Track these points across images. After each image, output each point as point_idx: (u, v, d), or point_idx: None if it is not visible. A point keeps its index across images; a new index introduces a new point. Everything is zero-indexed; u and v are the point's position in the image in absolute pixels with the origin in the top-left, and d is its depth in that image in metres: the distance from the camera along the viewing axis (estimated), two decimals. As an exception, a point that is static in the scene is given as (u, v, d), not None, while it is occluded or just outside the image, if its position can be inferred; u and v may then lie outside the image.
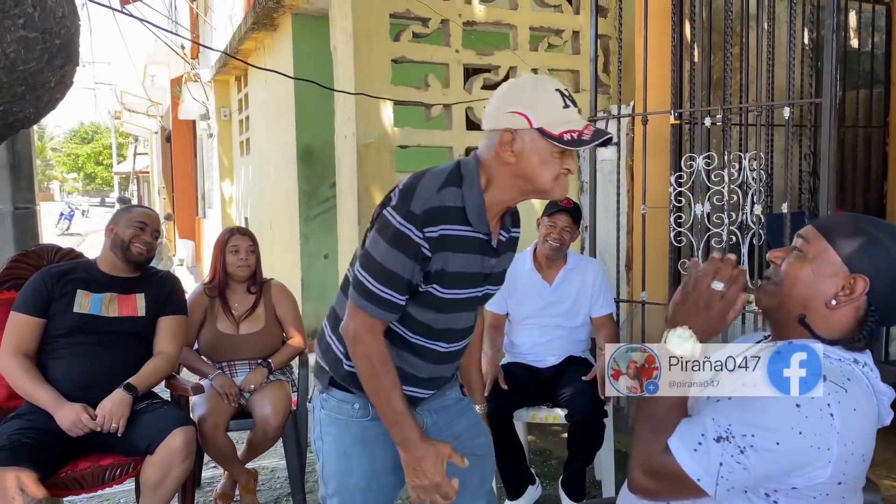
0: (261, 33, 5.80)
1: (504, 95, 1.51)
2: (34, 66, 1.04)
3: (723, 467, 1.16)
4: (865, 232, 1.25)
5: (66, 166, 49.01)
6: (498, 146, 1.49)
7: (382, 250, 1.47)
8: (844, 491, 1.21)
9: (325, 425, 1.67)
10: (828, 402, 1.15)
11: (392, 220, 1.46)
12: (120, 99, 17.70)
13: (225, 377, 2.91)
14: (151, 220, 2.66)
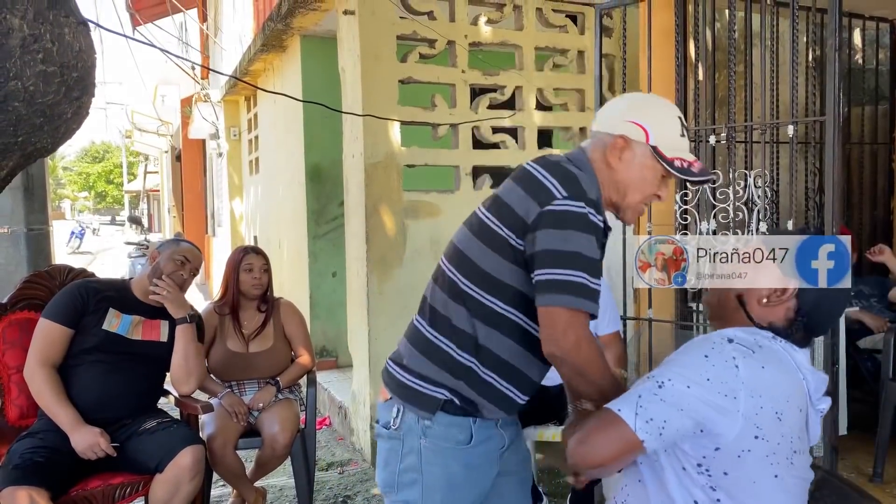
0: (270, 54, 5.86)
1: (629, 104, 1.56)
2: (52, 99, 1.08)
3: (641, 398, 1.28)
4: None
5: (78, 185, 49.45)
6: (609, 148, 1.51)
7: (572, 239, 1.39)
8: (767, 449, 1.27)
9: (429, 455, 1.55)
10: (733, 356, 1.29)
11: (574, 209, 1.40)
12: (131, 118, 17.90)
13: (234, 396, 2.94)
14: (194, 258, 2.74)
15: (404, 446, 1.56)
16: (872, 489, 3.14)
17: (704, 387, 1.25)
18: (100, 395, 2.49)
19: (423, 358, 1.57)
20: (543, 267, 1.41)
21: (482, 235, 1.53)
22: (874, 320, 3.68)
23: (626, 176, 1.51)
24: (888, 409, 3.20)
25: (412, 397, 1.56)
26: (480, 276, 1.52)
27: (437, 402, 1.54)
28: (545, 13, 4.19)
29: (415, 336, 1.62)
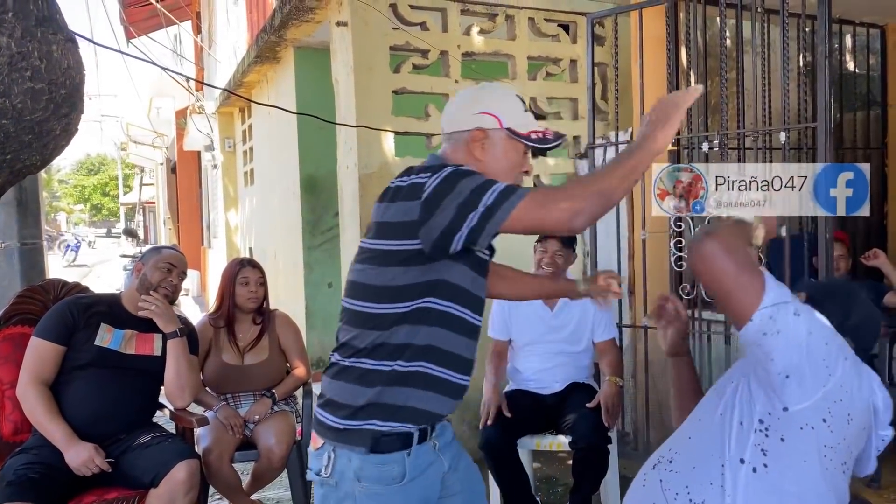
0: (264, 66, 5.88)
1: (469, 99, 1.62)
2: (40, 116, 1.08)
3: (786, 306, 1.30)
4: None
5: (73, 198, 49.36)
6: (469, 143, 1.56)
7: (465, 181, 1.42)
8: (828, 441, 1.31)
9: (364, 499, 1.50)
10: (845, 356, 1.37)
11: (442, 173, 1.44)
12: (126, 131, 17.91)
13: (229, 408, 2.93)
14: (179, 263, 2.71)
15: (339, 491, 1.52)
16: (870, 495, 3.14)
17: (819, 346, 1.30)
18: (93, 410, 2.48)
19: (342, 383, 1.54)
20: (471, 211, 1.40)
21: (372, 261, 1.53)
22: (869, 325, 3.68)
23: (494, 162, 1.56)
24: (884, 414, 3.20)
25: (343, 437, 1.52)
26: (362, 290, 1.54)
27: (367, 435, 1.50)
28: (537, 23, 4.20)
29: (332, 371, 1.59)
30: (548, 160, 4.37)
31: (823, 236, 2.86)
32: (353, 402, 1.51)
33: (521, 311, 3.02)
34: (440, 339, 1.53)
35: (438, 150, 1.65)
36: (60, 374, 2.50)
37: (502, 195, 1.40)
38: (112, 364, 2.53)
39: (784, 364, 1.29)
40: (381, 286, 1.51)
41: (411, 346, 1.51)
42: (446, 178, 1.43)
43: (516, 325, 3.05)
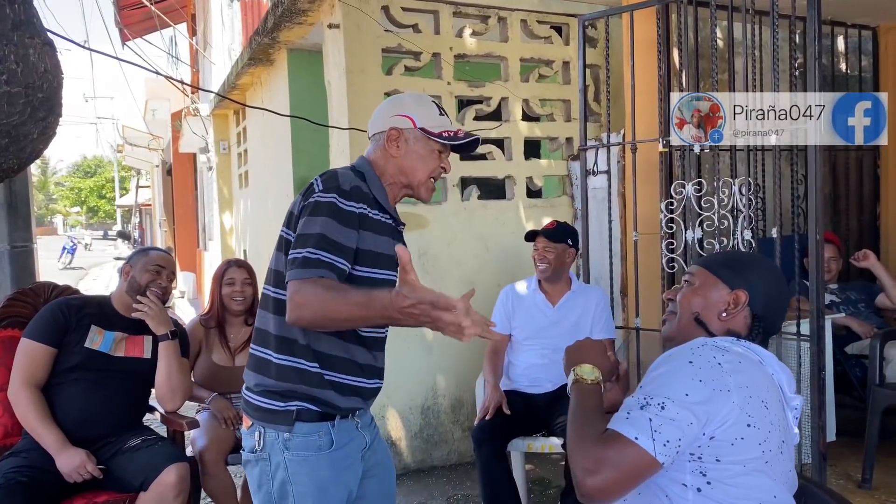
0: (257, 68, 5.87)
1: (388, 104, 1.81)
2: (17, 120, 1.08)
3: (653, 422, 1.30)
4: (735, 258, 1.61)
5: (70, 200, 49.31)
6: (385, 142, 1.74)
7: (321, 224, 1.56)
8: (759, 437, 1.33)
9: (295, 466, 1.63)
10: (713, 356, 1.38)
11: (323, 199, 1.59)
12: (122, 133, 17.87)
13: (223, 400, 2.92)
14: (168, 264, 2.70)
15: (272, 464, 1.65)
16: (861, 495, 3.14)
17: (699, 389, 1.32)
18: (83, 413, 2.47)
19: (259, 375, 1.68)
20: (291, 249, 1.58)
21: (278, 246, 1.69)
22: (861, 326, 3.69)
23: (407, 158, 1.74)
24: (876, 414, 3.21)
25: (269, 417, 1.65)
26: (274, 275, 1.68)
27: (290, 414, 1.63)
28: (530, 24, 4.21)
29: (250, 360, 1.73)
30: (541, 162, 4.37)
31: (814, 237, 2.86)
32: (275, 390, 1.65)
33: (524, 304, 3.11)
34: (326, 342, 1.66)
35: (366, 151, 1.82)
36: (50, 376, 2.50)
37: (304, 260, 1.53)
38: (101, 367, 2.53)
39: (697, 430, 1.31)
40: (275, 270, 1.69)
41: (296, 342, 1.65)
42: (314, 206, 1.59)
43: (518, 317, 3.11)
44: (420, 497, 3.57)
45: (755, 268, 1.55)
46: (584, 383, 1.53)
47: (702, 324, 1.51)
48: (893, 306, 3.86)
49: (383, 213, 1.71)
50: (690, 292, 1.55)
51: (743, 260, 1.60)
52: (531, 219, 4.23)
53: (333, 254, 1.55)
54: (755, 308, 1.50)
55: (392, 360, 3.97)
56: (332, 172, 1.68)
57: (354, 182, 1.65)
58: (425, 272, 3.97)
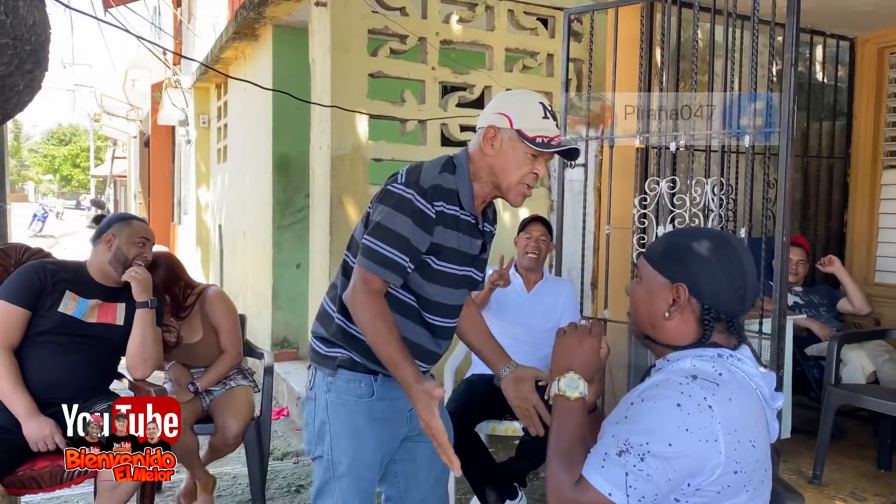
0: (242, 43, 5.84)
1: (496, 100, 1.82)
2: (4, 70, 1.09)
3: (629, 477, 1.23)
4: (673, 245, 1.41)
5: (43, 167, 48.42)
6: (482, 139, 1.75)
7: (392, 217, 1.65)
8: (745, 480, 1.28)
9: (335, 407, 1.77)
10: (704, 397, 1.26)
11: (402, 192, 1.66)
12: (100, 102, 17.60)
13: (181, 368, 2.95)
14: (151, 235, 2.72)
15: (317, 403, 1.80)
16: (811, 490, 3.25)
17: (684, 439, 1.23)
18: (51, 376, 2.47)
19: (319, 323, 1.84)
20: (367, 233, 1.69)
21: (363, 219, 1.80)
22: (822, 329, 3.79)
23: (499, 158, 1.74)
24: (829, 413, 3.31)
25: (319, 359, 1.81)
26: (353, 245, 1.79)
27: (334, 360, 1.78)
28: (516, 15, 4.24)
29: (319, 308, 1.88)
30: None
31: (780, 238, 2.94)
32: (328, 338, 1.80)
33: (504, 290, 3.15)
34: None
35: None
36: (24, 338, 2.48)
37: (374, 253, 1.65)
38: (73, 332, 2.52)
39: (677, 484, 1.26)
40: (355, 238, 1.80)
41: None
42: (390, 197, 1.68)
43: (495, 294, 3.13)
44: (383, 476, 3.61)
45: (690, 252, 1.37)
46: (567, 401, 1.39)
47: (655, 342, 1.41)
48: (854, 311, 3.97)
49: (463, 210, 1.74)
50: (638, 290, 1.44)
51: (680, 244, 1.40)
52: (508, 207, 4.27)
53: (402, 252, 1.65)
54: (702, 298, 1.35)
55: (363, 340, 3.99)
56: (417, 165, 1.74)
57: (436, 179, 1.69)
58: (400, 255, 3.99)
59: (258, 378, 3.19)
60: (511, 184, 1.75)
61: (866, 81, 4.63)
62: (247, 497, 3.24)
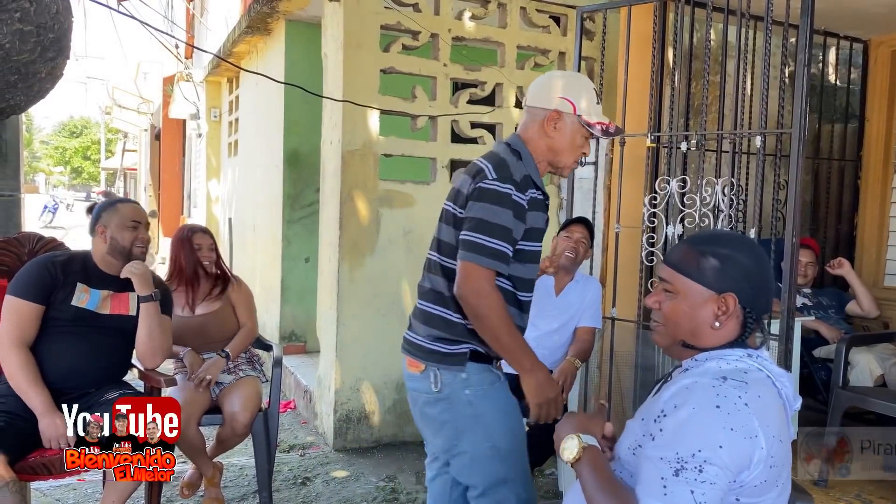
0: (254, 37, 5.86)
1: (554, 81, 1.95)
2: (27, 57, 1.10)
3: (695, 494, 1.23)
4: (709, 254, 1.42)
5: (54, 159, 48.64)
6: (545, 121, 1.90)
7: (494, 212, 1.78)
8: (777, 475, 1.31)
9: (478, 400, 1.87)
10: (738, 396, 1.28)
11: (499, 188, 1.79)
12: (111, 94, 17.66)
13: (195, 355, 2.98)
14: (142, 215, 2.67)
15: (453, 401, 1.88)
16: (817, 492, 3.25)
17: (732, 439, 1.25)
18: (66, 367, 2.48)
19: (430, 327, 1.91)
20: (467, 229, 1.79)
21: (445, 219, 1.92)
22: (830, 331, 3.78)
23: (561, 141, 1.91)
24: (837, 415, 3.31)
25: (444, 358, 1.88)
26: (444, 246, 1.90)
27: (464, 356, 1.87)
28: (529, 13, 4.24)
29: (420, 314, 1.96)
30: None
31: (790, 240, 2.93)
32: (447, 337, 1.89)
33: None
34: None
35: (521, 122, 1.98)
36: (39, 332, 2.49)
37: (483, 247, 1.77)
38: (89, 324, 2.53)
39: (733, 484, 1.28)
40: (448, 243, 1.89)
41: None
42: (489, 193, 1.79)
43: None
44: (389, 470, 3.63)
45: (731, 260, 1.39)
46: (577, 461, 1.43)
47: (693, 348, 1.43)
48: (862, 314, 3.96)
49: (537, 190, 1.89)
50: (675, 304, 1.43)
51: (718, 253, 1.41)
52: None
53: (507, 242, 1.78)
54: (744, 302, 1.39)
55: (369, 334, 4.03)
56: (500, 160, 1.84)
57: (520, 170, 1.84)
58: (409, 250, 4.01)
59: (266, 369, 3.21)
60: (567, 163, 1.94)
61: (879, 84, 4.61)
62: (253, 488, 3.26)
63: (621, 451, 1.47)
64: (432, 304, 1.92)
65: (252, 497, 3.23)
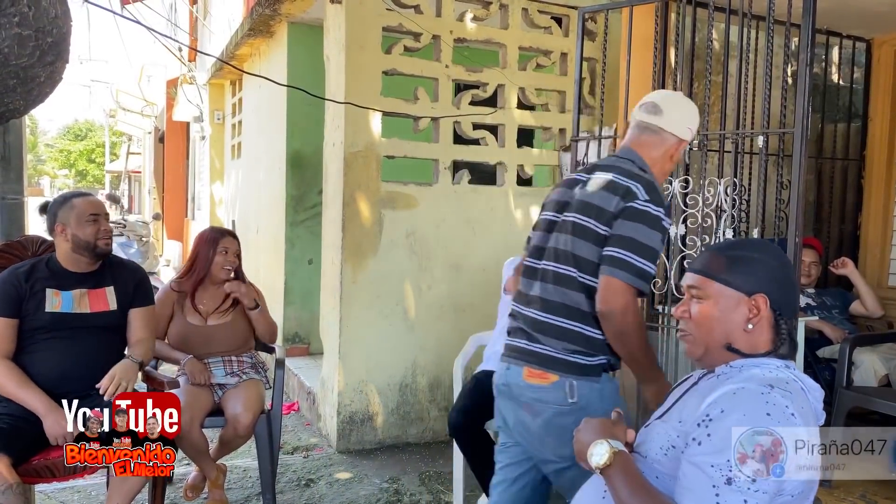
0: (257, 39, 5.87)
1: (687, 110, 2.06)
2: (26, 62, 1.11)
3: (748, 503, 1.22)
4: (739, 258, 1.45)
5: (58, 162, 48.79)
6: (673, 147, 2.01)
7: (647, 233, 1.81)
8: (813, 485, 1.33)
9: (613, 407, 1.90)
10: (786, 405, 1.28)
11: (652, 210, 1.84)
12: (115, 97, 17.71)
13: (197, 362, 2.98)
14: (99, 207, 2.63)
15: (589, 412, 1.81)
16: (822, 493, 3.23)
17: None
18: (61, 372, 2.48)
19: (564, 342, 1.89)
20: (615, 246, 1.81)
21: (581, 234, 1.89)
22: (834, 331, 3.77)
23: (672, 164, 2.06)
24: (840, 416, 3.30)
25: (582, 370, 1.88)
26: (580, 261, 1.88)
27: (600, 367, 1.90)
28: (531, 13, 4.24)
29: (550, 328, 1.91)
30: (533, 151, 4.42)
31: (793, 240, 2.93)
32: (582, 349, 1.90)
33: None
34: None
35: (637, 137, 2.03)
36: (22, 341, 2.50)
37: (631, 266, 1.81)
38: (69, 325, 2.53)
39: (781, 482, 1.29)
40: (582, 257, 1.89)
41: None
42: (642, 214, 1.83)
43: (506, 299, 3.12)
44: (393, 472, 3.63)
45: (758, 262, 1.43)
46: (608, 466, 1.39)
47: (735, 350, 1.43)
48: (867, 314, 3.94)
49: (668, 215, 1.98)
50: (705, 309, 1.45)
51: (745, 256, 1.45)
52: (520, 206, 4.28)
53: (653, 265, 1.83)
54: (774, 304, 1.41)
55: (373, 337, 4.03)
56: (648, 182, 1.88)
57: (662, 194, 1.92)
58: (412, 252, 4.01)
59: (270, 374, 3.22)
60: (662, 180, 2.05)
61: (882, 83, 4.59)
62: (257, 490, 3.27)
63: (649, 451, 1.46)
64: (566, 319, 1.89)
65: (256, 499, 3.23)
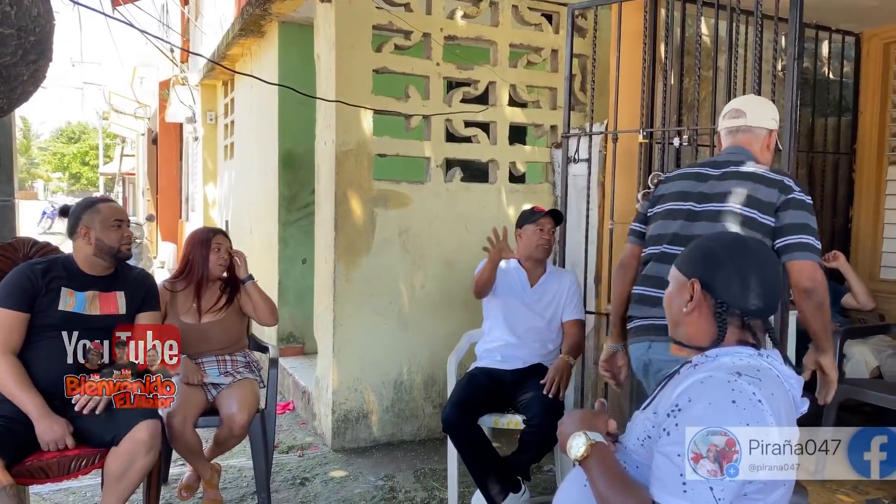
0: (248, 39, 5.86)
1: (766, 105, 2.38)
2: (8, 60, 1.11)
3: (714, 490, 1.25)
4: (693, 247, 1.55)
5: (52, 165, 48.68)
6: (768, 140, 2.33)
7: (813, 219, 2.12)
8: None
9: None
10: (752, 392, 1.30)
11: (808, 199, 2.15)
12: (108, 99, 17.68)
13: (190, 362, 2.97)
14: (123, 214, 2.69)
15: None
16: (813, 484, 3.25)
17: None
18: (60, 371, 2.48)
19: None
20: (799, 233, 2.09)
21: (748, 224, 2.14)
22: (825, 324, 3.78)
23: (771, 154, 2.34)
24: (831, 408, 3.31)
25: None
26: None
27: None
28: (521, 10, 4.25)
29: None
30: (525, 148, 4.42)
31: (783, 233, 2.94)
32: None
33: (508, 277, 3.18)
34: None
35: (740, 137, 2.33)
36: (28, 338, 2.50)
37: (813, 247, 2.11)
38: (78, 326, 2.54)
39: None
40: None
41: None
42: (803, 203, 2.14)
43: (501, 288, 3.16)
44: (388, 469, 3.63)
45: (704, 250, 1.50)
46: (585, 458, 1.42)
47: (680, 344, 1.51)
48: (858, 306, 3.96)
49: None
50: (668, 290, 1.57)
51: (698, 245, 1.54)
52: (512, 203, 4.28)
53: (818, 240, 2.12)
54: (717, 294, 1.44)
55: (368, 335, 4.03)
56: (790, 175, 2.21)
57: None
58: (405, 250, 4.01)
59: (264, 374, 3.22)
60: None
61: (872, 77, 4.61)
62: (252, 489, 3.27)
63: (629, 441, 1.49)
64: None
65: (251, 498, 3.23)
